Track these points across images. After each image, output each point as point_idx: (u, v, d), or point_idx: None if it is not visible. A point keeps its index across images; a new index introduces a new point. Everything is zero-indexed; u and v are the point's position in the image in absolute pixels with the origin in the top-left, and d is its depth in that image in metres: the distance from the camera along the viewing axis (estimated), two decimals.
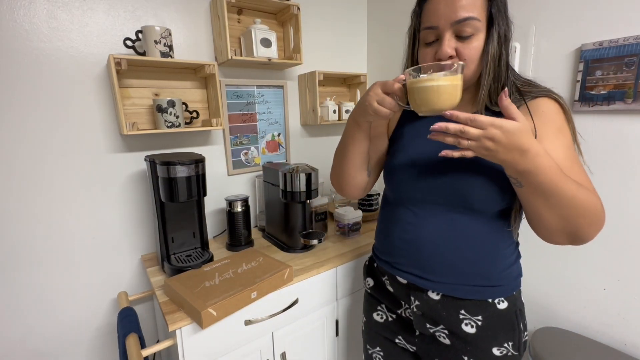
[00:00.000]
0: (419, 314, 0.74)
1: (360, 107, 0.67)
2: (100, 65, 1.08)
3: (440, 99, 0.55)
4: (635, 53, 0.92)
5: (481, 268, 0.68)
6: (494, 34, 0.60)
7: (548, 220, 0.58)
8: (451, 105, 0.56)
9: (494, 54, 0.61)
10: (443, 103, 0.55)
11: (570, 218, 0.55)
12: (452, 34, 0.61)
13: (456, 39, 0.62)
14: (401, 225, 0.75)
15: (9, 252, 1.01)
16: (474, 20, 0.59)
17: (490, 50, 0.61)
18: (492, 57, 0.61)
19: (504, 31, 0.62)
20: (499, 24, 0.60)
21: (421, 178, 0.70)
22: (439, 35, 0.63)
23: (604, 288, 1.09)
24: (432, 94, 0.55)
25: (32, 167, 1.01)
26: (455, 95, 0.56)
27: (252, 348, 0.99)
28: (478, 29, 0.60)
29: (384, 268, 0.81)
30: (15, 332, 1.05)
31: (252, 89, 1.43)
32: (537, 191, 0.54)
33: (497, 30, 0.60)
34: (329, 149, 1.74)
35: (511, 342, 0.69)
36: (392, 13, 1.63)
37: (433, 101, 0.56)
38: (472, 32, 0.60)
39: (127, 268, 1.22)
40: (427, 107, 0.57)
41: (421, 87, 0.56)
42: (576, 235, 0.58)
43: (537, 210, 0.58)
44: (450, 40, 0.61)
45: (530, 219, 0.62)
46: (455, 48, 0.61)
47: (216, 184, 1.39)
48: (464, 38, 0.61)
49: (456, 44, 0.62)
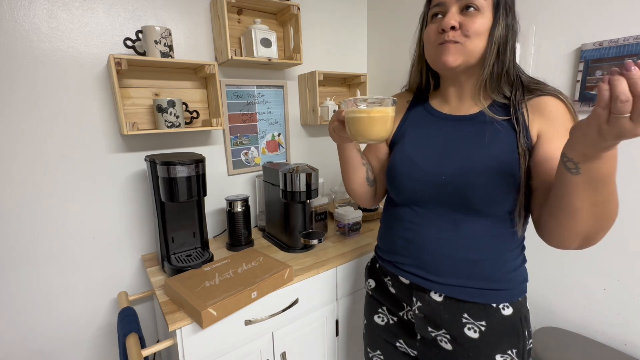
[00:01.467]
0: (421, 316, 0.73)
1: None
2: (100, 65, 1.08)
3: (373, 129, 0.60)
4: (635, 53, 0.92)
5: (485, 269, 0.66)
6: (501, 19, 0.62)
7: (581, 219, 0.52)
8: (384, 136, 0.61)
9: (500, 36, 0.62)
10: (376, 133, 0.60)
11: (602, 219, 0.51)
12: (458, 8, 0.63)
13: (461, 14, 0.63)
14: (404, 225, 0.75)
15: (9, 252, 1.01)
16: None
17: (497, 31, 0.62)
18: (498, 39, 0.62)
19: (511, 22, 0.63)
20: (506, 12, 0.62)
21: (422, 178, 0.70)
22: (445, 10, 0.65)
23: (604, 288, 1.09)
24: (364, 124, 0.60)
25: (32, 167, 1.01)
26: (386, 125, 0.60)
27: (252, 348, 0.99)
28: (483, 7, 0.62)
29: (386, 268, 0.80)
30: (15, 332, 1.05)
31: (252, 89, 1.43)
32: (593, 181, 0.48)
33: (504, 17, 0.62)
34: (329, 149, 1.74)
35: (515, 349, 0.67)
36: (392, 13, 1.63)
37: (366, 131, 0.60)
38: (477, 7, 0.62)
39: (127, 268, 1.22)
40: (361, 136, 0.61)
41: (355, 117, 0.61)
42: (592, 238, 0.55)
43: (577, 206, 0.51)
44: (454, 12, 0.63)
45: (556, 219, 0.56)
46: (460, 22, 0.62)
47: (216, 184, 1.39)
48: (468, 12, 0.62)
49: (461, 18, 0.63)
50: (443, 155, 0.69)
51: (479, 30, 0.62)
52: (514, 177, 0.61)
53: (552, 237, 0.60)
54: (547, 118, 0.62)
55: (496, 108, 0.67)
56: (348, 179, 0.82)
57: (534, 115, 0.63)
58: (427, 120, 0.75)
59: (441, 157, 0.69)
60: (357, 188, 0.83)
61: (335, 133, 0.70)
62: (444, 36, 0.64)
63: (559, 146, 0.56)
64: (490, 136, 0.65)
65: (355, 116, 0.60)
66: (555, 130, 0.61)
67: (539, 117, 0.62)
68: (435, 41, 0.66)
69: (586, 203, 0.50)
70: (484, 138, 0.65)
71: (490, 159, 0.63)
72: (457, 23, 0.62)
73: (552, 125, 0.61)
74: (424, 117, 0.76)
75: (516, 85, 0.65)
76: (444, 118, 0.73)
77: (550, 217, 0.58)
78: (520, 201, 0.63)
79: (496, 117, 0.65)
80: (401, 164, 0.74)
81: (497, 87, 0.66)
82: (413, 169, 0.71)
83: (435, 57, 0.67)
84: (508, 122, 0.64)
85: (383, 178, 0.84)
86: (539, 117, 0.62)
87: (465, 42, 0.63)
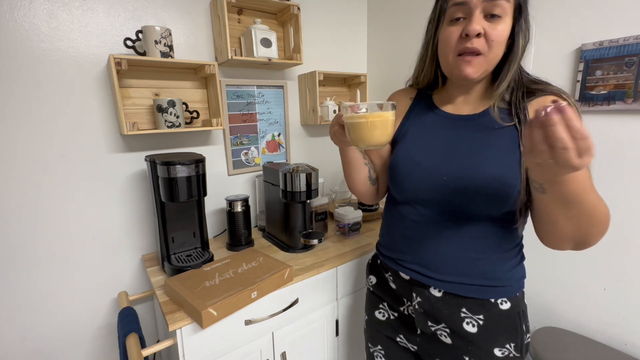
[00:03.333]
0: (421, 311, 0.74)
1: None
2: (100, 65, 1.08)
3: (374, 134, 0.59)
4: (636, 53, 0.92)
5: (484, 267, 0.67)
6: (523, 24, 0.60)
7: (562, 229, 0.55)
8: (385, 141, 0.60)
9: (525, 44, 0.61)
10: (376, 139, 0.59)
11: (585, 228, 0.54)
12: (481, 11, 0.59)
13: (484, 19, 0.60)
14: (405, 223, 0.75)
15: (9, 252, 1.01)
16: (504, 1, 0.58)
17: (521, 40, 0.61)
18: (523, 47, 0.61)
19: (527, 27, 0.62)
20: (526, 18, 0.61)
21: (423, 177, 0.70)
22: (468, 12, 0.60)
23: (604, 288, 1.09)
24: (364, 129, 0.59)
25: (32, 167, 1.01)
26: (386, 130, 0.59)
27: (252, 348, 0.99)
28: (506, 13, 0.59)
29: (387, 264, 0.81)
30: (15, 332, 1.05)
31: (252, 89, 1.43)
32: (560, 200, 0.50)
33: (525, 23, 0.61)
34: (329, 149, 1.74)
35: (513, 343, 0.68)
36: (393, 13, 1.63)
37: (366, 136, 0.59)
38: (501, 13, 0.59)
39: (127, 268, 1.22)
40: (362, 142, 0.60)
41: (354, 123, 0.59)
42: (583, 242, 0.57)
43: (552, 218, 0.55)
44: (480, 18, 0.59)
45: (541, 224, 0.60)
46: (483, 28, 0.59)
47: (216, 184, 1.39)
48: (492, 19, 0.59)
49: (484, 24, 0.59)
50: (445, 155, 0.69)
51: (501, 38, 0.60)
52: (515, 179, 0.61)
53: (544, 240, 0.62)
54: None
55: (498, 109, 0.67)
56: (351, 179, 0.82)
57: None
58: (430, 119, 0.75)
59: (443, 156, 0.69)
60: (359, 187, 0.83)
61: (336, 137, 0.69)
62: (467, 43, 0.60)
63: None
64: (493, 137, 0.65)
65: (354, 122, 0.59)
66: None
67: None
68: (456, 47, 0.62)
69: (561, 217, 0.53)
70: (486, 139, 0.66)
71: (492, 160, 0.63)
72: (483, 29, 0.59)
73: None
74: (426, 115, 0.76)
75: (517, 87, 0.65)
76: (447, 117, 0.73)
77: (537, 223, 0.62)
78: (522, 202, 0.63)
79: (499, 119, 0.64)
80: (402, 162, 0.74)
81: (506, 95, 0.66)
82: (414, 168, 0.71)
83: (455, 67, 0.64)
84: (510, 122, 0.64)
85: (385, 176, 0.84)
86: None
87: (487, 52, 0.60)
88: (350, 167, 0.80)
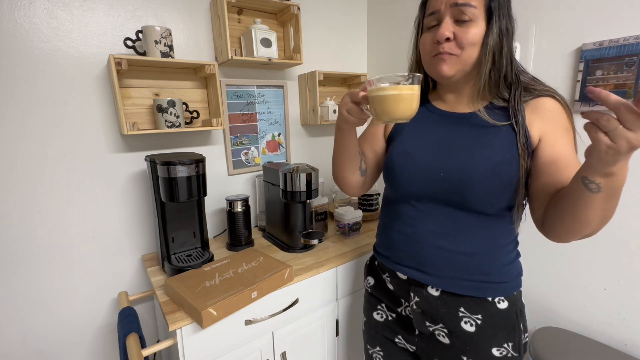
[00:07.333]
0: (419, 311, 0.74)
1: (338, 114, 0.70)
2: (100, 65, 1.08)
3: (399, 107, 0.57)
4: (636, 53, 0.92)
5: (480, 263, 0.68)
6: (494, 26, 0.62)
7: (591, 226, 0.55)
8: (410, 114, 0.59)
9: (494, 45, 0.63)
10: (402, 112, 0.58)
11: (607, 220, 0.55)
12: (451, 17, 0.64)
13: (455, 24, 0.64)
14: (401, 220, 0.76)
15: (9, 252, 1.01)
16: (471, 8, 0.62)
17: (490, 41, 0.62)
18: (492, 47, 0.63)
19: (506, 25, 0.63)
20: (500, 18, 0.62)
21: (420, 173, 0.71)
22: (439, 19, 0.65)
23: (604, 288, 1.09)
24: (390, 102, 0.57)
25: (32, 167, 1.01)
26: (412, 104, 0.58)
27: (253, 348, 0.99)
28: (476, 16, 0.62)
29: (384, 264, 0.82)
30: (15, 332, 1.05)
31: (252, 89, 1.43)
32: (611, 195, 0.50)
33: (497, 23, 0.62)
34: (329, 149, 1.74)
35: (511, 342, 0.69)
36: (392, 13, 1.63)
37: (392, 109, 0.58)
38: (470, 18, 0.62)
39: (127, 268, 1.22)
40: (387, 115, 0.59)
41: (380, 95, 0.58)
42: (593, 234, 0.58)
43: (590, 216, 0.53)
44: (448, 23, 0.64)
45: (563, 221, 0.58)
46: (454, 32, 0.63)
47: (216, 184, 1.39)
48: (462, 23, 0.63)
49: (455, 28, 0.63)
50: (440, 151, 0.69)
51: (473, 40, 0.63)
52: (510, 177, 0.63)
53: (557, 237, 0.62)
54: (546, 119, 0.63)
55: (494, 109, 0.67)
56: (341, 165, 0.81)
57: (533, 117, 0.64)
58: (425, 116, 0.76)
59: (438, 153, 0.70)
60: (348, 176, 0.82)
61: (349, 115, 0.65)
62: (439, 47, 0.65)
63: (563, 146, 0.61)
64: (490, 135, 0.66)
65: (381, 94, 0.57)
66: (557, 131, 0.63)
67: (539, 119, 0.64)
68: (430, 52, 0.68)
69: (599, 212, 0.53)
70: (482, 136, 0.66)
71: (488, 158, 0.64)
72: (452, 34, 0.63)
73: (553, 127, 0.63)
74: (422, 113, 0.76)
75: (515, 87, 0.66)
76: (442, 115, 0.74)
77: (559, 221, 0.59)
78: (520, 200, 0.65)
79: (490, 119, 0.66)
80: (398, 157, 0.75)
81: (496, 91, 0.67)
82: (409, 163, 0.72)
83: (431, 67, 0.69)
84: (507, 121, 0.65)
85: (374, 170, 0.86)
86: (539, 119, 0.64)
87: (460, 53, 0.64)
88: (344, 153, 0.78)
